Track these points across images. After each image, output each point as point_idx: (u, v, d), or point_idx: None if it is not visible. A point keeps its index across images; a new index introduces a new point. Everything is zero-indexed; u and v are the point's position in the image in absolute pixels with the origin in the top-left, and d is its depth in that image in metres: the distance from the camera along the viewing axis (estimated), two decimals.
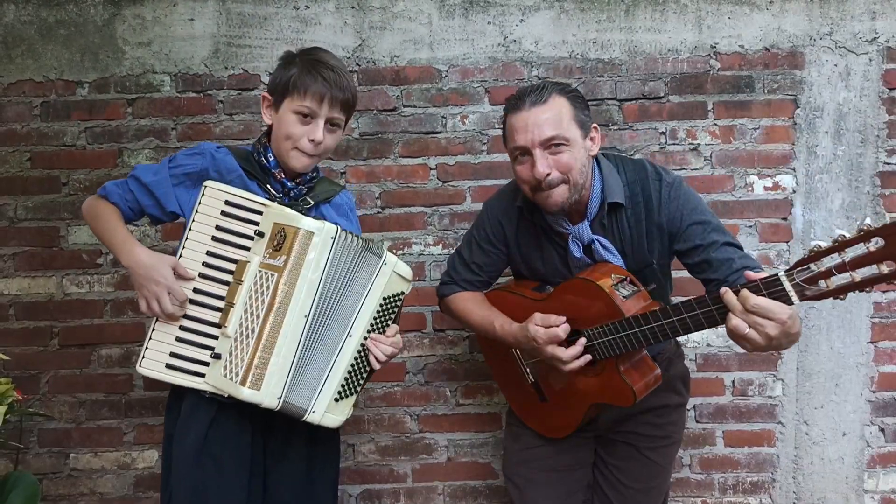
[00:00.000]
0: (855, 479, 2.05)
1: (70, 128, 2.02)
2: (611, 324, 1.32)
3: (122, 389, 2.04)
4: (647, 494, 1.55)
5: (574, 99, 1.36)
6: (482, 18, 2.03)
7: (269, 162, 1.39)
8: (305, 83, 1.31)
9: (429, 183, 2.06)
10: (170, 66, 2.03)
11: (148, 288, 1.27)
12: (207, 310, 1.31)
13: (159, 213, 1.37)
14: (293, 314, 1.25)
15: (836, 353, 2.03)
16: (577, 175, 1.34)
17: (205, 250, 1.30)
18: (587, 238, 1.41)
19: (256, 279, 1.27)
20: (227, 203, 1.30)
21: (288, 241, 1.25)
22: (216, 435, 1.31)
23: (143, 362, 1.30)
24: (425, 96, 2.05)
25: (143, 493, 2.04)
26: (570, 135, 1.33)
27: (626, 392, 1.35)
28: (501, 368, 1.63)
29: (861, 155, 2.02)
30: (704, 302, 1.20)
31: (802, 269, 1.06)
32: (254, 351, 1.24)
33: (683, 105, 2.03)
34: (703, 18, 2.03)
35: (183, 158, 1.38)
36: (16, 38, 2.01)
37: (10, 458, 1.97)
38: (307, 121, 1.34)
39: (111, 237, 1.33)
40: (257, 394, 1.23)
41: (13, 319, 2.02)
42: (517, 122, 1.35)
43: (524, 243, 1.54)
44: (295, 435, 1.39)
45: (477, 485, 2.08)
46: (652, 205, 1.40)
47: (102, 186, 1.38)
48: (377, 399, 2.06)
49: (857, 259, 1.00)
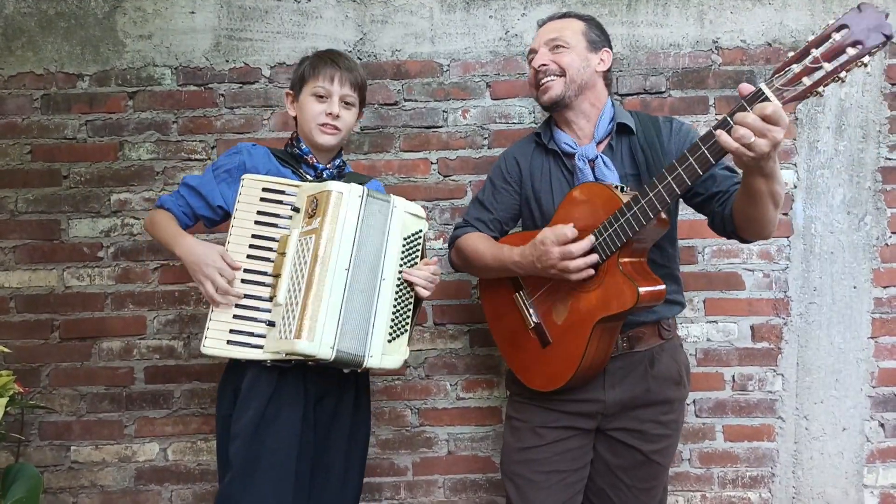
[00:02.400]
0: (854, 473, 2.05)
1: (71, 121, 2.02)
2: (612, 215, 1.34)
3: (122, 382, 2.04)
4: (648, 493, 1.55)
5: (590, 22, 1.56)
6: (484, 12, 2.03)
7: (302, 150, 1.56)
8: (317, 67, 1.52)
9: (430, 177, 2.06)
10: (171, 60, 2.03)
11: (202, 272, 1.39)
12: (258, 286, 1.42)
13: (209, 212, 1.52)
14: (334, 268, 1.36)
15: (837, 349, 2.04)
16: (573, 73, 1.50)
17: (249, 234, 1.43)
18: (592, 154, 1.51)
19: (298, 247, 1.40)
20: (264, 190, 1.44)
21: (321, 206, 1.38)
22: (275, 408, 1.41)
23: (205, 342, 1.39)
24: (426, 90, 2.04)
25: (144, 485, 2.05)
26: (573, 41, 1.51)
27: (629, 288, 1.32)
28: (502, 321, 1.63)
29: (862, 150, 2.02)
30: (695, 146, 1.21)
31: (780, 75, 1.12)
32: (303, 307, 1.33)
33: (685, 100, 2.03)
34: (705, 13, 2.02)
35: (223, 159, 1.54)
36: (16, 30, 2.01)
37: (11, 450, 1.98)
38: (323, 100, 1.52)
39: (165, 235, 1.47)
40: (312, 344, 1.31)
41: (14, 312, 2.02)
42: (536, 35, 1.59)
43: (536, 177, 1.61)
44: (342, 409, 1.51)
45: (477, 478, 2.08)
46: (662, 135, 1.52)
47: (159, 199, 1.52)
48: (377, 392, 2.06)
49: (827, 51, 1.08)
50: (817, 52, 1.08)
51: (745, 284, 2.05)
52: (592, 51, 1.53)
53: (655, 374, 1.51)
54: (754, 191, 1.24)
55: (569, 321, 1.46)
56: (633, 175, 1.51)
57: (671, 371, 1.53)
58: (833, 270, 2.03)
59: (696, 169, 1.22)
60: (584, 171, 1.50)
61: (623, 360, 1.51)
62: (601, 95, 1.56)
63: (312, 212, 1.40)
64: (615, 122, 1.53)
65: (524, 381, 1.58)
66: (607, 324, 1.41)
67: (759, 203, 1.26)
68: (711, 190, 1.45)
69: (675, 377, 1.53)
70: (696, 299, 2.05)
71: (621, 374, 1.51)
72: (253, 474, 1.37)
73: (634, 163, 1.51)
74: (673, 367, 1.54)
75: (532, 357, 1.55)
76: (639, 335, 1.52)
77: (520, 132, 2.03)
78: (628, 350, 1.51)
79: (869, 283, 2.03)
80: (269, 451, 1.39)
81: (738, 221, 1.37)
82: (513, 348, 1.62)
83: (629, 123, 1.52)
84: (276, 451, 1.39)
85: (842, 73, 1.08)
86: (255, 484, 1.37)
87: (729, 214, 1.39)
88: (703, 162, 1.21)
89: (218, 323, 1.39)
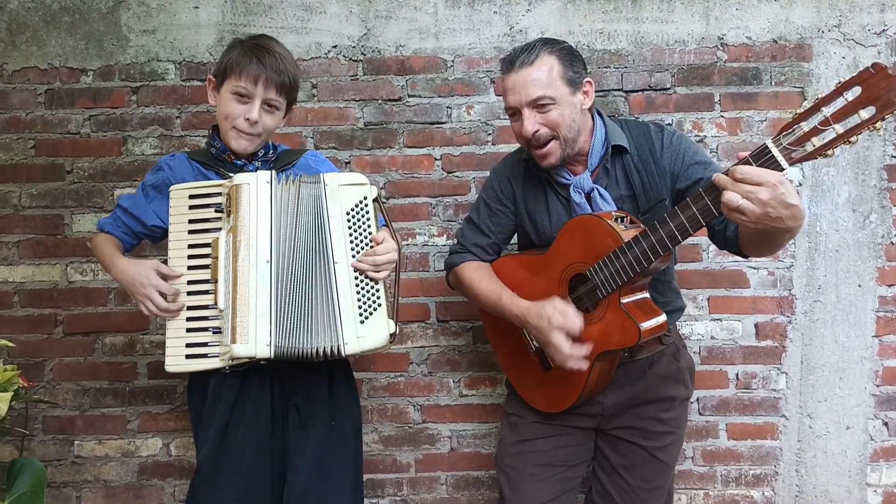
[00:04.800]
0: (858, 472, 2.05)
1: (74, 115, 2.02)
2: (612, 253, 1.32)
3: (125, 377, 2.04)
4: (651, 493, 1.54)
5: (563, 56, 1.39)
6: (488, 8, 2.02)
7: (219, 148, 1.47)
8: (242, 65, 1.38)
9: (433, 173, 2.05)
10: (174, 55, 2.02)
11: (137, 292, 1.37)
12: (203, 295, 1.39)
13: (145, 230, 1.49)
14: (255, 262, 1.33)
15: (841, 347, 2.03)
16: (565, 130, 1.39)
17: (186, 244, 1.40)
18: (587, 186, 1.45)
19: (225, 248, 1.36)
20: (190, 197, 1.40)
21: (233, 202, 1.35)
22: (239, 413, 1.40)
23: (167, 361, 1.37)
24: (430, 86, 2.04)
25: (147, 480, 2.05)
26: (557, 93, 1.37)
27: (631, 327, 1.32)
28: (504, 342, 1.62)
29: (868, 148, 2.01)
30: (698, 196, 1.19)
31: (788, 133, 1.08)
32: (233, 309, 1.31)
33: (690, 97, 2.02)
34: (711, 9, 2.01)
35: (148, 177, 1.51)
36: (20, 24, 2.00)
37: (15, 444, 1.98)
38: (244, 101, 1.40)
39: (103, 258, 1.46)
40: (248, 346, 1.29)
41: (17, 307, 2.03)
42: (508, 84, 1.40)
43: (530, 198, 1.56)
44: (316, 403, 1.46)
45: (479, 475, 2.08)
46: (655, 150, 1.45)
47: (98, 221, 1.53)
48: (380, 389, 2.06)
49: (838, 112, 1.03)
50: (828, 111, 1.04)
51: (750, 282, 2.04)
52: (575, 92, 1.40)
53: (654, 374, 1.51)
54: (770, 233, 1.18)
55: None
56: (628, 196, 1.46)
57: (670, 370, 1.52)
58: (838, 268, 2.02)
59: (698, 219, 1.20)
60: (582, 206, 1.46)
61: (624, 368, 1.50)
62: (589, 124, 1.47)
63: (229, 209, 1.36)
64: (608, 145, 1.46)
65: (527, 400, 1.58)
66: (609, 354, 1.40)
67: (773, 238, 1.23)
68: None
69: (674, 375, 1.52)
70: (700, 297, 2.05)
71: (621, 381, 1.51)
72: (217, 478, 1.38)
73: (630, 184, 1.46)
74: (672, 366, 1.53)
75: (534, 379, 1.56)
76: (640, 345, 1.49)
77: None
78: (629, 359, 1.50)
79: (874, 282, 2.02)
80: (235, 454, 1.39)
81: (744, 247, 1.33)
82: (515, 368, 1.62)
83: (623, 144, 1.45)
84: (243, 454, 1.39)
85: (852, 137, 1.04)
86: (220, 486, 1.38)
87: (733, 236, 1.34)
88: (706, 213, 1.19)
89: (174, 340, 1.37)
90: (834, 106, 1.03)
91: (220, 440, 1.39)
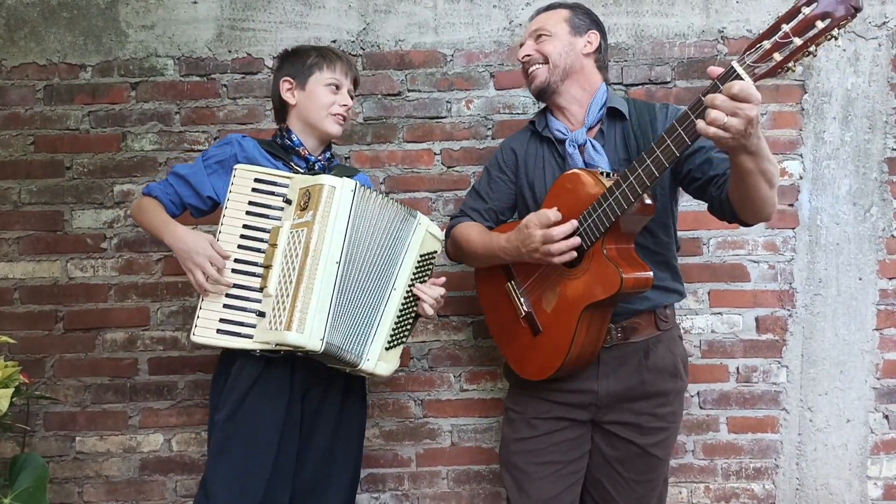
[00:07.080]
0: (858, 465, 2.05)
1: (73, 111, 2.02)
2: (595, 200, 1.34)
3: (126, 373, 2.04)
4: (646, 486, 1.54)
5: (574, 8, 1.58)
6: (487, 2, 2.01)
7: (294, 141, 1.56)
8: (332, 60, 1.55)
9: (433, 168, 2.05)
10: (173, 50, 2.02)
11: (191, 260, 1.39)
12: (249, 276, 1.42)
13: (197, 201, 1.51)
14: (325, 261, 1.36)
15: (842, 341, 2.03)
16: (556, 58, 1.52)
17: (241, 224, 1.43)
18: (581, 139, 1.51)
19: (289, 239, 1.40)
20: (256, 181, 1.44)
21: (314, 199, 1.39)
22: (256, 396, 1.42)
23: (195, 330, 1.39)
24: (430, 81, 2.03)
25: (149, 476, 2.06)
26: (555, 30, 1.53)
27: (613, 274, 1.32)
28: (496, 309, 1.63)
29: (869, 141, 2.01)
30: (671, 128, 1.21)
31: (752, 52, 1.11)
32: (294, 299, 1.34)
33: (690, 90, 2.02)
34: (711, 2, 2.01)
35: (213, 150, 1.53)
36: (19, 20, 2.00)
37: (16, 440, 1.98)
38: (336, 91, 1.55)
39: (153, 222, 1.46)
40: (302, 336, 1.32)
41: (18, 303, 2.03)
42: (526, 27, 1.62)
43: (530, 163, 1.62)
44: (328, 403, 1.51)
45: (480, 469, 2.08)
46: (656, 121, 1.51)
47: (146, 186, 1.51)
48: (381, 384, 2.07)
49: (797, 25, 1.07)
50: (787, 27, 1.08)
51: (751, 276, 2.04)
52: (577, 34, 1.53)
53: (650, 366, 1.50)
54: (743, 171, 1.22)
55: (557, 309, 1.45)
56: (625, 160, 1.49)
57: (666, 362, 1.51)
58: (839, 262, 2.02)
59: (673, 151, 1.22)
60: (574, 157, 1.51)
61: (617, 350, 1.50)
62: (592, 79, 1.55)
63: (304, 204, 1.40)
64: (606, 107, 1.53)
65: (517, 371, 1.58)
66: (596, 311, 1.40)
67: (751, 183, 1.24)
68: (709, 174, 1.43)
69: (670, 369, 1.52)
70: (700, 291, 2.05)
71: (615, 365, 1.50)
72: (226, 459, 1.40)
73: (627, 148, 1.50)
74: (668, 359, 1.52)
75: (524, 346, 1.55)
76: (634, 325, 1.50)
77: (523, 122, 2.00)
78: (623, 341, 1.50)
79: (874, 275, 2.02)
80: (246, 438, 1.40)
81: (735, 204, 1.35)
82: (506, 338, 1.62)
83: (621, 108, 1.52)
84: (254, 439, 1.41)
85: (811, 46, 1.07)
86: (226, 468, 1.39)
87: (726, 198, 1.38)
88: (680, 143, 1.21)
89: (208, 312, 1.40)
90: (793, 22, 1.07)
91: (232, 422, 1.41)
